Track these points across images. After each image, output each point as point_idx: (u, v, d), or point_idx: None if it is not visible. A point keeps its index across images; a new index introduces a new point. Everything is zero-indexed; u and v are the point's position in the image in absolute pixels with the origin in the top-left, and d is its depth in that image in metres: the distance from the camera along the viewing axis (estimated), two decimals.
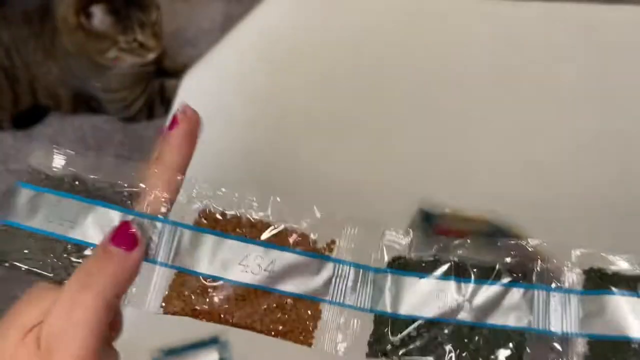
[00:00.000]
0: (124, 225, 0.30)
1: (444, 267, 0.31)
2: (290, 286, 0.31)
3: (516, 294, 0.30)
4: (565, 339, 0.30)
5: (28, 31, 1.17)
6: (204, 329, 0.53)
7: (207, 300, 0.30)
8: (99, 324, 0.27)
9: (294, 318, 0.30)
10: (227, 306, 0.30)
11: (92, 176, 0.32)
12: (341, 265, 0.31)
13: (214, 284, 0.31)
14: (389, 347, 0.30)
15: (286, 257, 0.31)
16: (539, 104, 0.83)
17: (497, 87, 0.86)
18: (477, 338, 0.30)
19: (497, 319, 0.30)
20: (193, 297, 0.31)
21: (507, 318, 0.30)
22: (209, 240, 0.31)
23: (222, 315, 0.30)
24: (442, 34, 0.94)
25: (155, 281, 0.31)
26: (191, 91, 0.94)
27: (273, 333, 0.30)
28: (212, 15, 1.39)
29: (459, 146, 0.81)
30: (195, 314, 0.31)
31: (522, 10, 0.94)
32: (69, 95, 1.24)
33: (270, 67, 0.96)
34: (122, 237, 0.29)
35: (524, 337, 0.30)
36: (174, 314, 0.31)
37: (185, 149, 0.32)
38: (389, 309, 0.31)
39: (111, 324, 0.29)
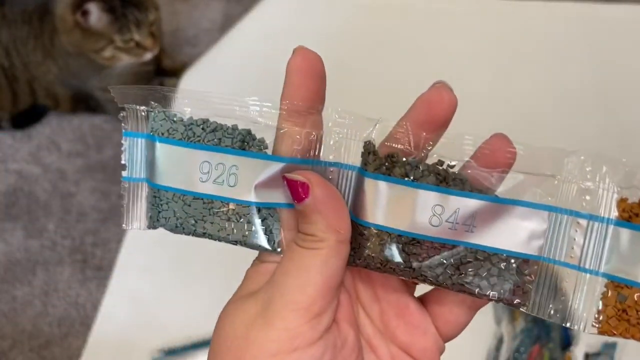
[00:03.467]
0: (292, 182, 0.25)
1: None
2: None
3: None
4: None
5: (27, 31, 1.17)
6: (203, 329, 0.53)
7: None
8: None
9: None
10: None
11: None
12: None
13: None
14: None
15: None
16: (539, 103, 0.83)
17: (497, 85, 0.86)
18: None
19: None
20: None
21: None
22: None
23: None
24: (443, 33, 0.94)
25: (583, 294, 0.24)
26: None
27: None
28: (211, 15, 1.39)
29: None
30: None
31: (522, 10, 0.94)
32: (68, 95, 1.24)
33: (269, 67, 0.96)
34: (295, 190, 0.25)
35: None
36: (613, 335, 0.24)
37: (311, 85, 0.26)
38: None
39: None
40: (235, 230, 0.27)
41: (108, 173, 1.19)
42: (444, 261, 0.25)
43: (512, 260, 0.25)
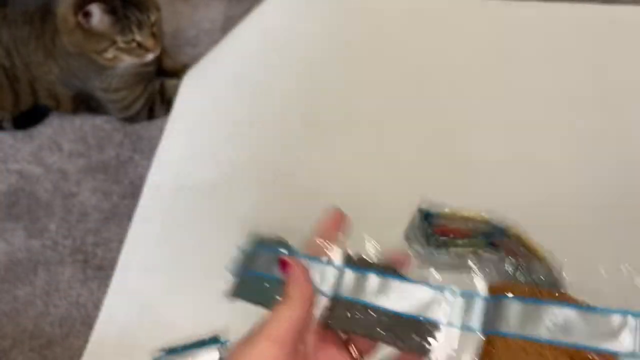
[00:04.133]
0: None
1: None
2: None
3: None
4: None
5: (29, 31, 1.17)
6: (204, 328, 0.53)
7: None
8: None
9: None
10: None
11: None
12: None
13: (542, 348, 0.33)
14: None
15: (565, 313, 0.34)
16: (539, 103, 0.83)
17: (497, 86, 0.86)
18: None
19: None
20: None
21: None
22: (517, 307, 0.35)
23: None
24: (443, 33, 0.94)
25: (467, 343, 0.35)
26: (191, 91, 0.94)
27: None
28: (212, 15, 1.39)
29: (459, 146, 0.81)
30: None
31: (522, 10, 0.94)
32: (69, 95, 1.24)
33: (269, 67, 0.96)
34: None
35: None
36: None
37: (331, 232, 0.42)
38: None
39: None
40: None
41: (109, 173, 1.19)
42: (375, 321, 0.37)
43: (419, 321, 0.36)
